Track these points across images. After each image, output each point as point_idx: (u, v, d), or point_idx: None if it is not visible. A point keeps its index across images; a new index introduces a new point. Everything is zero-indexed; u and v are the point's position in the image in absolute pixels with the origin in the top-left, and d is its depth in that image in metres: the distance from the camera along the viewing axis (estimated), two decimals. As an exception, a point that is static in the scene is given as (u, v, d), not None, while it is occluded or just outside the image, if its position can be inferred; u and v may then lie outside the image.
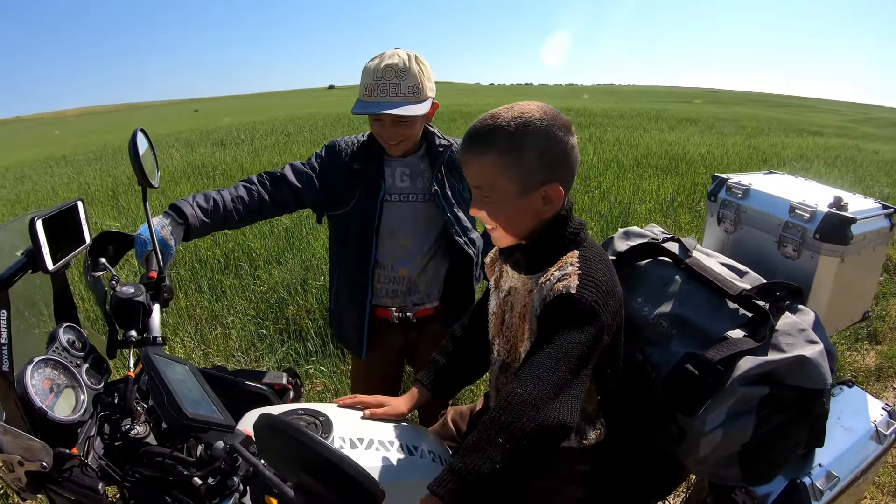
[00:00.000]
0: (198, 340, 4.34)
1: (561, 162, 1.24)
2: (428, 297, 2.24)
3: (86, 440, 1.16)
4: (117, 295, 1.35)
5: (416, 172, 2.13)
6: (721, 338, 1.45)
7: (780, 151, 12.43)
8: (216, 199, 1.91)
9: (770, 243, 1.83)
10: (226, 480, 1.03)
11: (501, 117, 1.23)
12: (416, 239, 2.14)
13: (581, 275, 1.19)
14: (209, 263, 5.61)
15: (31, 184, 12.76)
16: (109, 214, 7.75)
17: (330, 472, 0.78)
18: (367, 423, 1.46)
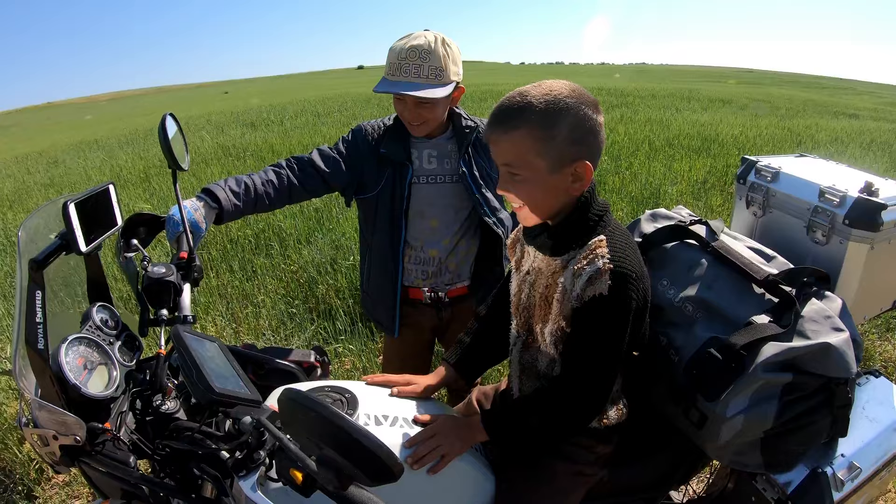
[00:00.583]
0: (229, 319, 4.40)
1: (590, 139, 1.25)
2: (458, 277, 2.26)
3: (118, 415, 1.20)
4: (149, 275, 1.38)
5: (444, 154, 2.13)
6: (745, 323, 1.44)
7: (814, 134, 12.15)
8: (247, 183, 1.93)
9: (799, 228, 1.80)
10: (252, 454, 1.06)
11: (530, 94, 1.24)
12: (444, 220, 2.15)
13: (613, 269, 1.21)
14: (240, 243, 5.69)
15: (63, 168, 12.96)
16: (141, 197, 7.86)
17: (350, 446, 0.80)
18: (393, 402, 1.49)
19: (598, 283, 1.20)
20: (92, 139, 18.39)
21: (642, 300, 1.27)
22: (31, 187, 10.79)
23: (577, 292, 1.23)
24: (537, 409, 1.37)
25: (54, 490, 2.93)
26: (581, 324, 1.27)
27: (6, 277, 5.65)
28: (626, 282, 1.21)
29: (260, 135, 13.45)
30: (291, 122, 15.72)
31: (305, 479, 0.93)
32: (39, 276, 1.13)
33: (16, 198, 9.98)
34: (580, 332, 1.28)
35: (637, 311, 1.25)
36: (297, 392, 0.83)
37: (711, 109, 16.59)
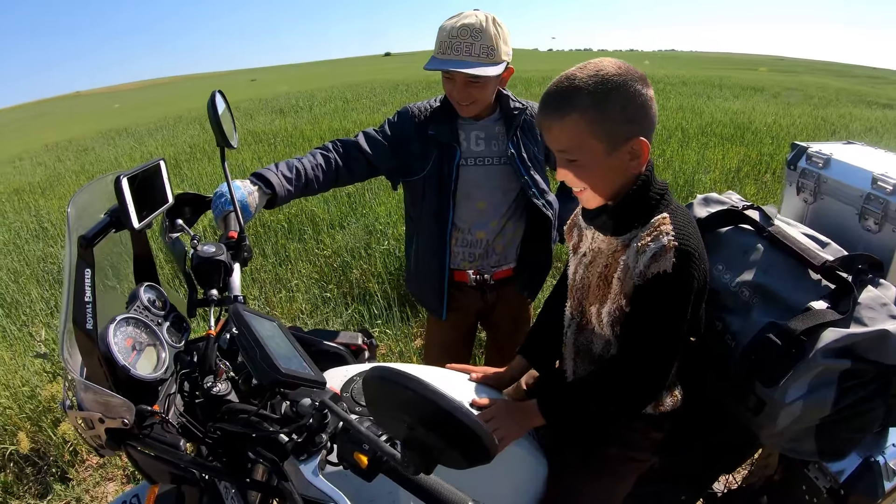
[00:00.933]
0: (262, 302, 4.44)
1: (642, 114, 1.22)
2: (505, 259, 2.24)
3: (166, 397, 1.18)
4: (199, 254, 1.36)
5: (491, 136, 2.11)
6: (803, 308, 1.41)
7: (848, 123, 11.96)
8: (298, 168, 1.93)
9: (850, 215, 1.77)
10: (313, 437, 1.03)
11: (578, 77, 1.21)
12: (492, 202, 2.13)
13: (678, 247, 1.19)
14: (273, 228, 5.72)
15: (94, 155, 13.13)
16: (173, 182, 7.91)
17: (447, 424, 0.77)
18: (445, 384, 1.48)
19: (662, 260, 1.19)
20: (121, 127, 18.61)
21: (703, 280, 1.25)
22: (62, 175, 10.95)
23: (640, 269, 1.22)
24: (594, 391, 1.36)
25: (88, 472, 2.97)
26: (642, 302, 1.25)
27: (39, 262, 5.74)
28: (689, 260, 1.19)
29: (289, 121, 13.55)
30: (320, 108, 15.82)
31: (371, 461, 0.91)
32: (89, 253, 1.11)
33: (47, 185, 10.15)
34: (641, 311, 1.27)
35: (698, 291, 1.24)
36: (389, 369, 0.80)
37: (743, 97, 16.42)
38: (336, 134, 10.76)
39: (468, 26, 1.86)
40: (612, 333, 1.37)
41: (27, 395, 3.32)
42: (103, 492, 2.86)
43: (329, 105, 16.21)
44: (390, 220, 5.42)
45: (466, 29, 1.86)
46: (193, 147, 11.30)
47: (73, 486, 2.86)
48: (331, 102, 16.93)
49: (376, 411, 0.86)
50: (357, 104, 16.02)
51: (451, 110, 2.07)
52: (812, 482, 1.60)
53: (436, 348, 2.49)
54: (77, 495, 2.82)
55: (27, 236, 6.78)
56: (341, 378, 1.36)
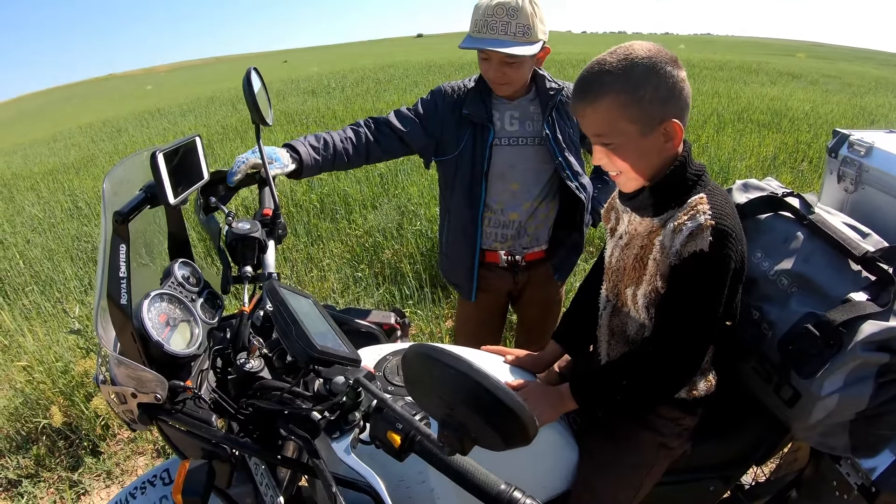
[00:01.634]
0: (294, 281, 4.48)
1: (674, 96, 1.23)
2: (537, 241, 2.24)
3: (199, 373, 1.19)
4: (233, 231, 1.37)
5: (526, 116, 2.10)
6: (843, 299, 1.38)
7: (887, 113, 11.72)
8: (327, 139, 1.95)
9: (892, 206, 1.72)
10: (346, 415, 1.04)
11: (608, 62, 1.23)
12: (525, 183, 2.12)
13: (714, 226, 1.18)
14: (305, 208, 5.76)
15: (127, 136, 13.27)
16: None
17: (489, 404, 0.76)
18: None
19: (699, 239, 1.18)
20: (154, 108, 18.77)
21: (740, 262, 1.24)
22: (96, 155, 11.10)
23: (676, 248, 1.21)
24: (627, 374, 1.35)
25: (119, 446, 3.03)
26: (678, 281, 1.25)
27: (73, 241, 5.83)
28: (726, 239, 1.19)
29: (321, 101, 13.59)
30: (352, 89, 15.85)
31: (404, 441, 0.90)
32: (124, 229, 1.12)
33: (81, 165, 10.29)
34: (676, 291, 1.26)
35: (735, 272, 1.23)
36: (431, 347, 0.79)
37: (780, 83, 16.12)
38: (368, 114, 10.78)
39: (504, 4, 1.84)
40: (647, 316, 1.36)
41: (60, 371, 3.38)
42: (133, 465, 2.92)
43: (361, 86, 16.22)
44: (423, 201, 5.42)
45: (502, 7, 1.84)
46: (226, 127, 11.39)
47: (105, 459, 2.92)
48: (362, 83, 16.94)
49: (415, 389, 0.85)
50: (389, 85, 16.01)
51: (486, 90, 2.06)
52: (843, 478, 1.57)
53: (466, 329, 2.49)
54: (108, 468, 2.87)
55: (61, 215, 6.90)
56: (374, 357, 1.36)
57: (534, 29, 1.88)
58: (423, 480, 1.23)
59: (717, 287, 1.22)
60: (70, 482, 2.81)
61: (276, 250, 1.49)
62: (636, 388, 1.34)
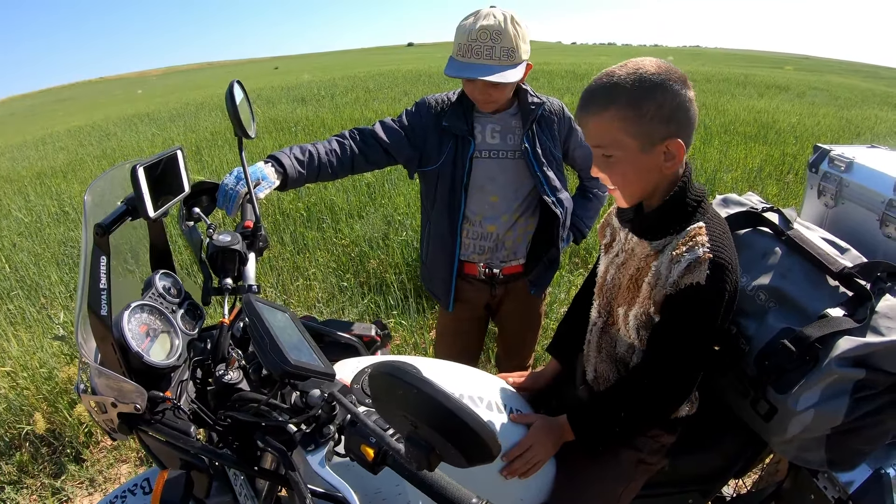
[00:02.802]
0: (279, 290, 4.47)
1: (680, 115, 1.22)
2: (514, 255, 2.24)
3: (178, 384, 1.19)
4: (214, 243, 1.37)
5: (507, 129, 2.11)
6: (819, 315, 1.40)
7: (873, 126, 11.80)
8: (311, 151, 1.95)
9: (872, 221, 1.73)
10: (321, 428, 1.04)
11: (617, 74, 1.23)
12: (505, 196, 2.13)
13: (712, 259, 1.19)
14: (292, 216, 5.75)
15: (116, 140, 13.18)
16: (193, 169, 7.99)
17: (450, 423, 0.77)
18: (458, 379, 1.49)
19: (696, 272, 1.19)
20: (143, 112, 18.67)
21: (734, 291, 1.25)
22: (84, 159, 11.02)
23: (673, 279, 1.22)
24: (624, 403, 1.37)
25: (102, 454, 3.01)
26: (673, 312, 1.25)
27: (60, 245, 5.80)
28: (723, 272, 1.20)
29: (311, 109, 13.58)
30: (342, 97, 15.83)
31: (377, 455, 0.91)
32: (105, 241, 1.12)
33: (69, 169, 10.22)
34: (671, 321, 1.27)
35: (728, 302, 1.24)
36: (394, 366, 0.80)
37: (768, 96, 16.22)
38: (357, 123, 10.79)
39: (487, 28, 1.85)
40: (636, 337, 1.37)
41: (44, 377, 3.36)
42: (116, 473, 2.90)
43: (350, 95, 16.21)
44: (409, 211, 5.44)
45: (486, 31, 1.85)
46: (215, 134, 11.35)
47: (87, 466, 2.90)
48: (352, 92, 16.93)
49: (381, 407, 0.86)
50: (379, 94, 16.01)
51: (469, 103, 2.07)
52: (820, 491, 1.60)
53: (445, 340, 2.50)
54: (91, 476, 2.85)
55: (48, 220, 6.85)
56: (353, 369, 1.37)
57: (518, 51, 1.89)
58: (399, 493, 1.23)
59: (711, 318, 1.23)
60: (53, 489, 2.78)
61: (256, 262, 1.49)
62: (632, 416, 1.36)
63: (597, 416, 1.40)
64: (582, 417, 1.41)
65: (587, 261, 4.78)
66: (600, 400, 1.46)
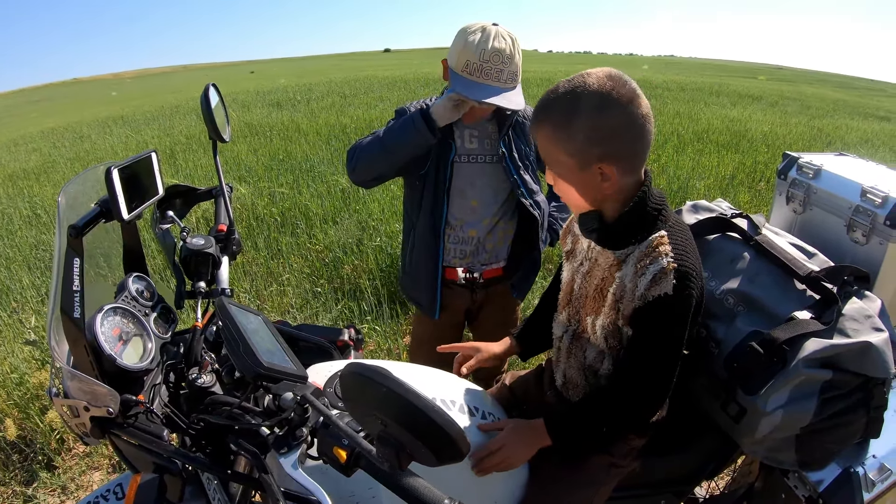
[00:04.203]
0: (253, 295, 4.45)
1: (615, 137, 1.19)
2: (495, 258, 2.27)
3: (151, 388, 1.19)
4: (188, 246, 1.38)
5: (484, 134, 2.14)
6: (787, 318, 1.43)
7: (844, 135, 12.00)
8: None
9: (839, 227, 1.77)
10: (294, 431, 1.04)
11: (559, 90, 1.22)
12: (484, 200, 2.16)
13: (677, 268, 1.19)
14: (266, 221, 5.72)
15: (90, 143, 13.03)
16: (167, 172, 7.91)
17: (420, 422, 0.78)
18: (430, 382, 1.50)
19: (662, 283, 1.19)
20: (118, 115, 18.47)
21: (700, 296, 1.26)
22: (56, 161, 10.90)
23: (640, 291, 1.22)
24: (601, 412, 1.37)
25: (74, 461, 2.97)
26: (642, 324, 1.26)
27: (32, 249, 5.72)
28: (688, 279, 1.20)
29: (286, 114, 13.51)
30: (318, 102, 15.77)
31: (349, 457, 0.92)
32: (78, 242, 1.11)
33: (42, 171, 10.09)
34: (643, 333, 1.27)
35: (696, 307, 1.25)
36: (364, 366, 0.81)
37: (741, 105, 16.41)
38: (332, 129, 10.74)
39: (500, 52, 1.86)
40: (605, 345, 1.38)
41: (15, 382, 3.32)
42: (89, 480, 2.86)
43: (326, 100, 16.16)
44: (383, 217, 5.45)
45: (498, 55, 1.86)
46: (189, 137, 11.26)
47: (59, 473, 2.86)
48: (328, 97, 16.88)
49: (352, 407, 0.87)
50: (354, 100, 15.98)
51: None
52: (791, 491, 1.61)
53: (422, 346, 2.49)
54: (63, 483, 2.82)
55: (20, 222, 6.75)
56: (325, 373, 1.36)
57: (519, 74, 1.94)
58: (373, 496, 1.23)
59: (681, 326, 1.24)
60: (24, 497, 2.75)
61: (230, 266, 1.49)
62: (609, 424, 1.37)
63: (574, 422, 1.40)
64: (560, 424, 1.40)
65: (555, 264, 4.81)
66: (577, 408, 1.46)
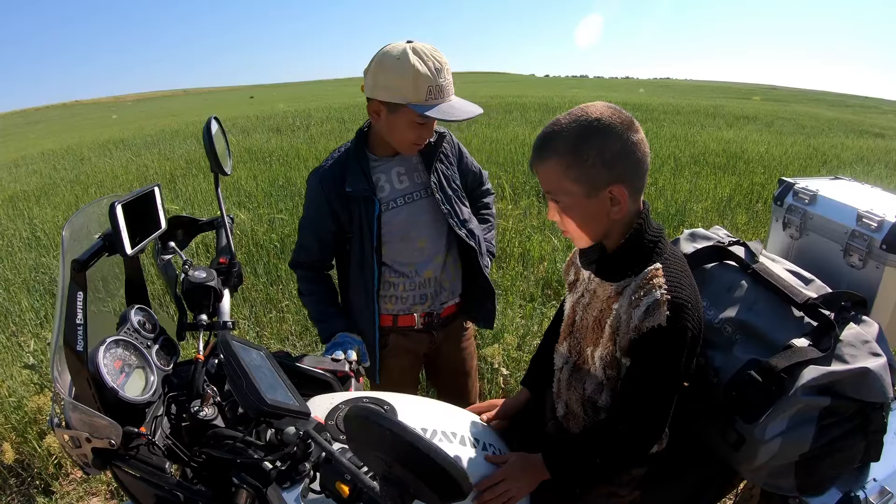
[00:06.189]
0: (252, 323, 4.43)
1: (622, 160, 1.24)
2: (452, 294, 2.20)
3: (153, 420, 1.19)
4: (189, 279, 1.38)
5: (411, 168, 2.04)
6: (785, 345, 1.44)
7: (839, 153, 12.05)
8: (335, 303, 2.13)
9: (835, 252, 1.78)
10: (297, 465, 1.05)
11: (561, 121, 1.26)
12: (430, 237, 2.06)
13: (671, 300, 1.21)
14: (265, 247, 5.70)
15: (90, 165, 13.04)
16: (167, 198, 7.91)
17: (423, 463, 0.79)
18: (431, 414, 1.50)
19: (656, 315, 1.21)
20: (118, 138, 18.50)
21: (697, 329, 1.26)
22: (57, 183, 10.90)
23: (634, 323, 1.24)
24: (599, 445, 1.38)
25: (72, 486, 2.96)
26: (639, 356, 1.27)
27: (31, 271, 5.71)
28: (683, 311, 1.21)
29: (286, 140, 13.56)
30: (317, 128, 15.82)
31: (352, 492, 0.92)
32: (81, 276, 1.12)
33: (41, 193, 10.09)
34: (638, 364, 1.29)
35: (692, 340, 1.25)
36: (367, 409, 0.82)
37: (737, 126, 16.50)
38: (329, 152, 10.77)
39: (443, 65, 1.77)
40: (604, 376, 1.39)
41: (13, 406, 3.32)
42: (87, 507, 2.84)
43: (326, 125, 16.20)
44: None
45: (444, 69, 1.77)
46: (189, 162, 11.28)
47: (57, 499, 2.85)
48: (327, 123, 16.93)
49: (356, 448, 0.88)
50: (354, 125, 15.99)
51: (362, 156, 1.99)
52: (793, 517, 1.61)
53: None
54: (60, 509, 2.79)
55: (19, 244, 6.74)
56: (327, 405, 1.37)
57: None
58: None
59: (676, 358, 1.25)
60: (21, 522, 2.73)
61: (231, 298, 1.50)
62: (607, 458, 1.37)
63: (573, 457, 1.41)
64: (558, 458, 1.41)
65: (559, 292, 4.81)
66: (576, 442, 1.47)
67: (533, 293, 4.79)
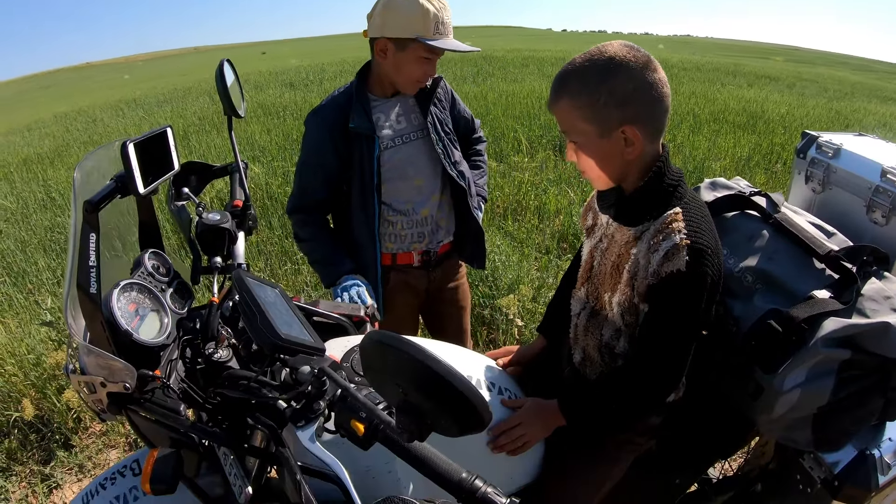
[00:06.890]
0: (268, 275, 4.47)
1: (635, 100, 1.21)
2: (448, 233, 2.27)
3: (168, 363, 1.18)
4: (204, 221, 1.37)
5: (408, 109, 2.09)
6: (806, 296, 1.41)
7: (862, 118, 11.85)
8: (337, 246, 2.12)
9: (858, 207, 1.75)
10: (311, 404, 1.04)
11: (576, 61, 1.24)
12: (427, 176, 2.13)
13: (690, 245, 1.19)
14: (280, 200, 5.70)
15: (102, 126, 13.07)
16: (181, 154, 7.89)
17: (442, 389, 0.76)
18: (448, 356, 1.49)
19: (675, 259, 1.19)
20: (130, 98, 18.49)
21: (717, 275, 1.24)
22: (70, 145, 10.95)
23: (653, 268, 1.22)
24: (616, 392, 1.37)
25: (91, 439, 3.01)
26: (657, 301, 1.25)
27: (47, 232, 5.76)
28: (702, 257, 1.19)
29: (299, 94, 13.49)
30: (331, 82, 15.75)
31: (367, 430, 0.91)
32: (94, 217, 1.10)
33: (56, 155, 10.15)
34: (657, 310, 1.27)
35: (712, 287, 1.23)
36: (386, 334, 0.79)
37: (757, 86, 16.23)
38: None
39: (445, 3, 1.86)
40: (622, 322, 1.38)
41: (32, 363, 3.35)
42: (106, 459, 2.90)
43: (339, 80, 16.07)
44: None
45: (446, 7, 1.86)
46: (202, 119, 11.27)
47: (77, 452, 2.89)
48: (341, 77, 16.80)
49: (372, 375, 0.86)
50: (368, 78, 15.95)
51: (363, 96, 2.03)
52: (807, 472, 1.61)
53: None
54: (80, 462, 2.85)
55: (35, 206, 6.80)
56: (342, 348, 1.37)
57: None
58: (389, 470, 1.24)
59: (695, 304, 1.23)
60: (42, 476, 2.78)
61: (246, 242, 1.49)
62: (624, 405, 1.37)
63: (589, 403, 1.41)
64: (574, 404, 1.41)
65: (574, 245, 4.79)
66: (592, 388, 1.46)
67: (549, 246, 4.78)
